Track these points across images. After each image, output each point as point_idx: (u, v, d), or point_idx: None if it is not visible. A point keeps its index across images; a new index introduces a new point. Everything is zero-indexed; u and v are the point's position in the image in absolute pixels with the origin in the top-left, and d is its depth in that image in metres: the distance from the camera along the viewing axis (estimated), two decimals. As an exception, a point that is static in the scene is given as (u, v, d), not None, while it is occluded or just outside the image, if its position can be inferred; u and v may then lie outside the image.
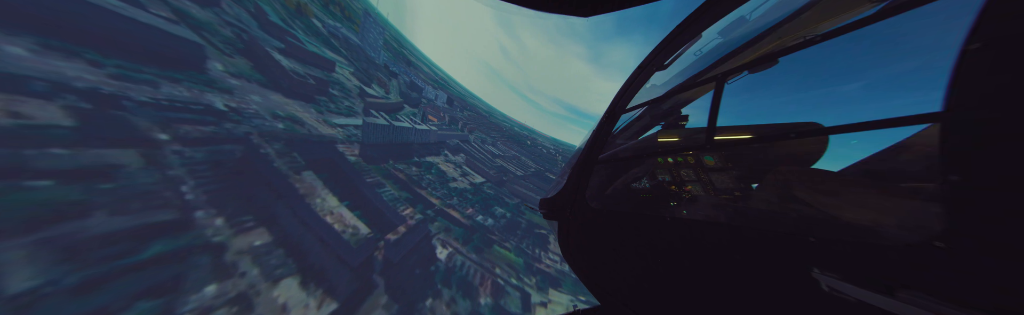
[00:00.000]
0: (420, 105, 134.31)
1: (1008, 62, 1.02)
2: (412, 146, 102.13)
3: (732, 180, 3.08)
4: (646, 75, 3.75)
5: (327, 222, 51.82)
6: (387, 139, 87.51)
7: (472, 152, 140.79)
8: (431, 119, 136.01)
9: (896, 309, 1.16)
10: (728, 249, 1.86)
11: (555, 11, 5.75)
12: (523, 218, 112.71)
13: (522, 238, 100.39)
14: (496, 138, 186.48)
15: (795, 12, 2.56)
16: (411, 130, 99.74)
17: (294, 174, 52.14)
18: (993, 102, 1.03)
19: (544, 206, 4.70)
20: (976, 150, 1.05)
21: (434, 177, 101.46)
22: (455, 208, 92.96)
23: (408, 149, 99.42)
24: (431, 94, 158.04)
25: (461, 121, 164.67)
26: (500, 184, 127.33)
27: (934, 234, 1.12)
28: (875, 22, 1.61)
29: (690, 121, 3.50)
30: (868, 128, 1.47)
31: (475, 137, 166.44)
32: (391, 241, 61.15)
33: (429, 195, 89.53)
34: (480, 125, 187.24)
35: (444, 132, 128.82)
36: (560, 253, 3.80)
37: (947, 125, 1.14)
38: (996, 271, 0.97)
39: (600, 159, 3.71)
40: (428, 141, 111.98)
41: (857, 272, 1.30)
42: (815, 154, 2.20)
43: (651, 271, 2.56)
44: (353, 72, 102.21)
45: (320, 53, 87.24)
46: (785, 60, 2.09)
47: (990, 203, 1.00)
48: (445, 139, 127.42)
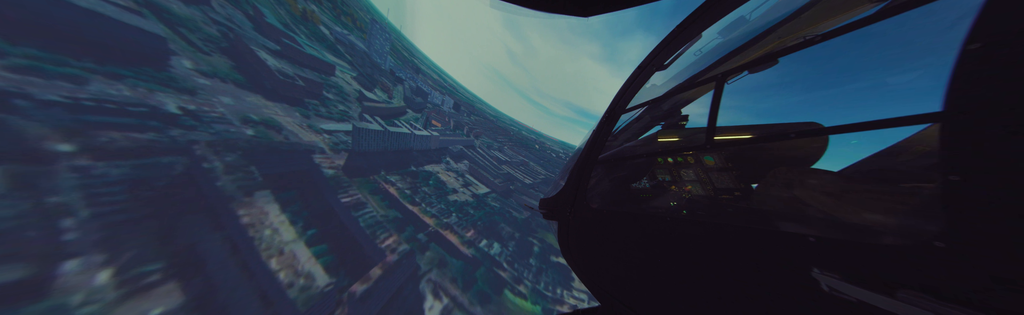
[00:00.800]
0: (424, 110, 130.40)
1: (1008, 62, 1.02)
2: (411, 153, 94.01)
3: (732, 180, 3.08)
4: (646, 75, 3.75)
5: (270, 268, 38.03)
6: (382, 146, 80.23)
7: (476, 159, 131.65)
8: (434, 124, 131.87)
9: (896, 309, 1.16)
10: (728, 249, 1.86)
11: (555, 11, 5.75)
12: (535, 238, 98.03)
13: (539, 273, 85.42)
14: (503, 142, 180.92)
15: (795, 12, 2.56)
16: (409, 136, 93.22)
17: (243, 196, 40.99)
18: (993, 102, 1.03)
19: (544, 206, 4.70)
20: (976, 150, 1.05)
21: (431, 189, 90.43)
22: (453, 229, 79.45)
23: (406, 157, 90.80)
24: (437, 99, 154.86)
25: (467, 126, 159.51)
26: (506, 194, 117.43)
27: (934, 234, 1.12)
28: (875, 22, 1.61)
29: (690, 121, 3.50)
30: (868, 128, 1.47)
31: (481, 142, 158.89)
32: (357, 295, 45.16)
33: (423, 212, 76.92)
34: (486, 130, 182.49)
35: (447, 137, 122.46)
36: (573, 272, 3.71)
37: (947, 125, 1.14)
38: (996, 271, 0.97)
39: (600, 159, 3.71)
40: (429, 148, 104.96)
41: (857, 272, 1.30)
42: (815, 154, 2.20)
43: (651, 271, 2.56)
44: (355, 76, 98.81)
45: (320, 56, 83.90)
46: (785, 60, 2.09)
47: (990, 203, 1.00)
48: (447, 145, 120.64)
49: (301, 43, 79.48)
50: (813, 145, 2.16)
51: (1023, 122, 0.96)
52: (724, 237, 1.91)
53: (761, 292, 1.67)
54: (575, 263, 3.87)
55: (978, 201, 1.03)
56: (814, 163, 2.21)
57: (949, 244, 1.08)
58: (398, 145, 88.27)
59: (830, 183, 2.05)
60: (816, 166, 2.20)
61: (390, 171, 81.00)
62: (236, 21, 64.13)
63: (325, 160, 61.29)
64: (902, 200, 1.55)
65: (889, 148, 1.59)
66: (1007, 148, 0.98)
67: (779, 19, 2.69)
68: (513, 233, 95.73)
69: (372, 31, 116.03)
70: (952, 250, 1.07)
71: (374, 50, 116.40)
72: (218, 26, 58.19)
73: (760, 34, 2.80)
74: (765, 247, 1.65)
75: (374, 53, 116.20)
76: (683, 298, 2.25)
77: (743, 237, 1.79)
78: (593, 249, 3.44)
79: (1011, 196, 0.96)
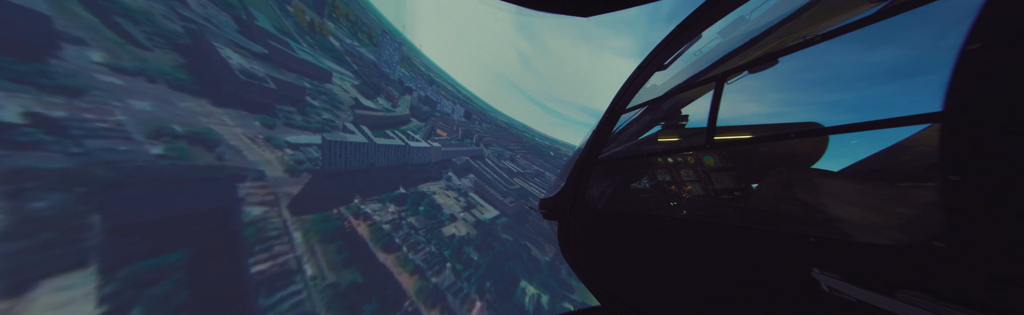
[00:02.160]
0: (429, 119, 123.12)
1: (1008, 62, 1.02)
2: (405, 169, 77.23)
3: (732, 180, 3.07)
4: (646, 75, 3.75)
5: None
6: (364, 162, 64.69)
7: (484, 172, 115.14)
8: (440, 134, 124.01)
9: (896, 309, 1.16)
10: (728, 249, 1.86)
11: (555, 11, 5.75)
12: (571, 302, 62.78)
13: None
14: (516, 151, 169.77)
15: (795, 12, 2.56)
16: (403, 148, 78.41)
17: (8, 295, 21.58)
18: (993, 102, 1.03)
19: (544, 206, 4.70)
20: (976, 150, 1.05)
21: (421, 218, 66.77)
22: (447, 301, 49.70)
23: (397, 174, 73.59)
24: (448, 108, 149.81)
25: (476, 134, 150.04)
26: (520, 219, 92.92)
27: (934, 234, 1.12)
28: (875, 22, 1.61)
29: (690, 121, 3.50)
30: (868, 128, 1.47)
31: (491, 151, 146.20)
32: None
33: (400, 265, 49.75)
34: (498, 138, 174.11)
35: (452, 148, 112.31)
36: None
37: (947, 125, 1.14)
38: (996, 271, 0.97)
39: (600, 159, 3.72)
40: (428, 161, 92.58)
41: (857, 272, 1.30)
42: (815, 154, 2.20)
43: (651, 271, 2.56)
44: (357, 85, 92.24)
45: (316, 63, 76.99)
46: (785, 60, 2.09)
47: (990, 203, 1.00)
48: (451, 157, 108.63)
49: (294, 48, 73.51)
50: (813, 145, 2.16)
51: (1023, 122, 0.96)
52: (724, 237, 1.91)
53: (761, 292, 1.67)
54: (575, 263, 3.86)
55: (978, 201, 1.03)
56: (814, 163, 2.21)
57: (949, 244, 1.08)
58: (388, 159, 73.41)
59: (830, 183, 2.05)
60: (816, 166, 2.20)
61: (369, 197, 60.25)
62: (216, 21, 56.94)
63: (257, 191, 40.67)
64: (902, 200, 1.55)
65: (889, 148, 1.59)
66: (1007, 148, 0.98)
67: (779, 19, 2.69)
68: (538, 296, 61.72)
69: (383, 42, 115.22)
70: (952, 250, 1.07)
71: (383, 60, 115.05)
72: (187, 22, 49.96)
73: (760, 34, 2.80)
74: (765, 247, 1.65)
75: (383, 63, 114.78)
76: (683, 298, 2.25)
77: (743, 237, 1.79)
78: (593, 249, 3.44)
79: (1011, 196, 0.96)
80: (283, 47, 69.38)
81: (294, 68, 71.23)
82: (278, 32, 73.01)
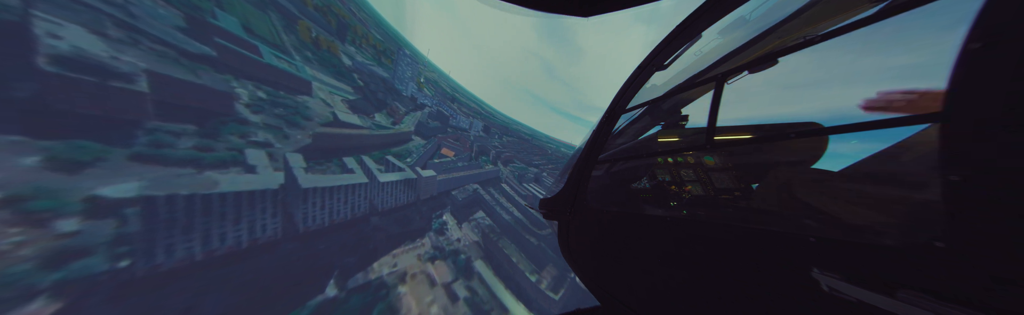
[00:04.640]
0: (435, 136, 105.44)
1: (1008, 62, 1.02)
2: (359, 227, 47.50)
3: (732, 180, 3.08)
4: (646, 75, 3.75)
5: None
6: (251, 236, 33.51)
7: (497, 211, 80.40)
8: (446, 154, 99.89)
9: (896, 309, 1.16)
10: (728, 249, 1.86)
11: (555, 11, 5.75)
12: None
13: None
14: (541, 166, 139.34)
15: (795, 12, 2.56)
16: (356, 187, 47.74)
17: None
18: (993, 102, 1.03)
19: (544, 206, 4.71)
20: (976, 150, 1.05)
21: None
22: None
23: (333, 244, 44.01)
24: (465, 123, 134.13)
25: (494, 151, 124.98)
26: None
27: (934, 234, 1.12)
28: (875, 22, 1.61)
29: (690, 121, 3.50)
30: (868, 128, 1.47)
31: (510, 171, 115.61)
32: None
33: None
34: (519, 151, 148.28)
35: (457, 174, 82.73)
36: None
37: (947, 125, 1.14)
38: (996, 271, 0.97)
39: (600, 159, 3.72)
40: (412, 200, 62.49)
41: (857, 272, 1.30)
42: (815, 154, 2.20)
43: (651, 271, 2.57)
44: (352, 99, 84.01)
45: (294, 72, 63.24)
46: (785, 60, 2.09)
47: (990, 203, 1.00)
48: (453, 187, 78.91)
49: (262, 52, 63.19)
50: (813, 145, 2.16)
51: (1023, 122, 0.96)
52: (724, 237, 1.91)
53: (761, 292, 1.67)
54: (575, 263, 3.87)
55: (978, 201, 1.03)
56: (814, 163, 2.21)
57: (949, 244, 1.08)
58: (318, 216, 41.82)
59: (830, 183, 2.05)
60: (816, 166, 2.20)
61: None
62: (143, 11, 43.94)
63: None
64: (902, 200, 1.55)
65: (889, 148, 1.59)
66: (1007, 148, 0.98)
67: (779, 19, 2.69)
68: None
69: (398, 58, 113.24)
70: (952, 250, 1.07)
71: (397, 77, 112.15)
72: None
73: (760, 34, 2.80)
74: (765, 247, 1.65)
75: (396, 80, 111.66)
76: (683, 298, 2.25)
77: (743, 237, 1.79)
78: (593, 249, 3.44)
79: (1011, 196, 0.96)
80: (245, 50, 58.66)
81: (255, 75, 59.64)
82: (249, 35, 62.68)
